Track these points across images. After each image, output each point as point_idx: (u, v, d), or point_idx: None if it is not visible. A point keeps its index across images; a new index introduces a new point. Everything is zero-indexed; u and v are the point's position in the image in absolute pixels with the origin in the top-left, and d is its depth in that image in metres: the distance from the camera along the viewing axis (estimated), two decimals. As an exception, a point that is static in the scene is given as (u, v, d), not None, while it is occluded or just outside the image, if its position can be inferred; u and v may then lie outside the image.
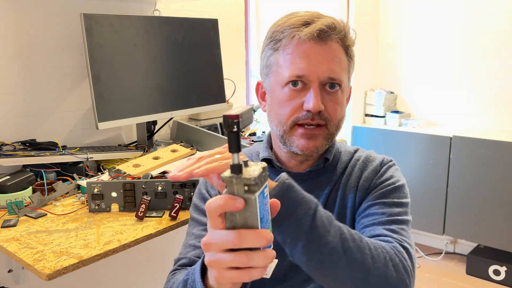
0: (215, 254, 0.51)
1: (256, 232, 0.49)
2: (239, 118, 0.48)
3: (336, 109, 0.83)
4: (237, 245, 0.49)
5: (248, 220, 0.50)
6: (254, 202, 0.49)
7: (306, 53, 0.80)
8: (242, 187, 0.49)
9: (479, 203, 2.67)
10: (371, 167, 0.89)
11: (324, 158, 0.89)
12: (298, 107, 0.82)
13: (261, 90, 0.92)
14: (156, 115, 1.69)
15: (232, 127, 0.48)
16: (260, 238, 0.49)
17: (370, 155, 0.93)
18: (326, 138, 0.84)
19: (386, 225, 0.79)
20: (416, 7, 3.08)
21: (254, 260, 0.50)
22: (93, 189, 1.19)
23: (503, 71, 2.81)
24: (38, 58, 1.54)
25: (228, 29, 2.20)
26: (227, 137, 0.49)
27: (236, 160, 0.49)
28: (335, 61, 0.82)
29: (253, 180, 0.48)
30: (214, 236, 0.51)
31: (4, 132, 1.48)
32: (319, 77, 0.80)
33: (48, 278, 0.88)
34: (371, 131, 3.09)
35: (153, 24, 1.68)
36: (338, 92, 0.83)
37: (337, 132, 0.87)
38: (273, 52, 0.85)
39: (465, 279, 2.74)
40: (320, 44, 0.81)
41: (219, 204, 0.49)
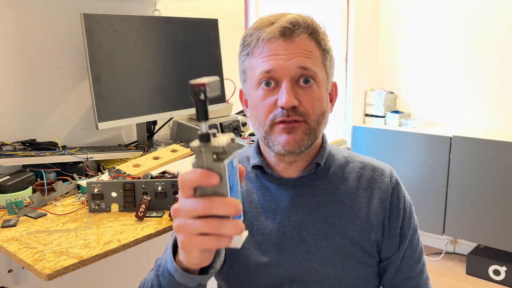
0: (184, 220, 0.51)
1: (226, 200, 0.50)
2: (205, 86, 0.48)
3: (313, 103, 0.81)
4: (207, 211, 0.49)
5: (218, 189, 0.50)
6: (224, 170, 0.49)
7: (273, 51, 0.80)
8: (211, 155, 0.49)
9: (479, 203, 2.67)
10: (382, 185, 0.90)
11: (316, 163, 0.87)
12: (272, 106, 0.80)
13: (244, 97, 0.91)
14: (156, 115, 1.69)
15: (199, 95, 0.48)
16: (230, 206, 0.49)
17: (376, 167, 0.92)
18: (306, 133, 0.81)
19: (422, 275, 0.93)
20: (416, 7, 3.08)
21: (224, 228, 0.50)
22: (93, 189, 1.19)
23: (503, 71, 2.81)
24: (38, 58, 1.54)
25: (228, 29, 2.20)
26: (195, 106, 0.49)
27: (204, 128, 0.49)
28: (305, 53, 0.80)
29: (221, 148, 0.49)
30: (184, 203, 0.51)
31: (4, 132, 1.48)
32: (289, 72, 0.79)
33: (48, 278, 0.88)
34: (371, 131, 3.09)
35: (153, 24, 1.68)
36: (313, 86, 0.81)
37: (320, 127, 0.83)
38: (246, 57, 0.85)
39: (465, 279, 2.74)
40: (286, 41, 0.80)
41: (193, 179, 0.49)
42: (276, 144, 0.81)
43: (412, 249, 0.91)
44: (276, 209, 0.87)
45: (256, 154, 0.91)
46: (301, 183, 0.88)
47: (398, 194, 0.90)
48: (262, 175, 0.90)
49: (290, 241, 0.85)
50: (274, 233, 0.86)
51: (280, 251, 0.85)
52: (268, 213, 0.88)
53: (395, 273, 0.90)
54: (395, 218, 0.89)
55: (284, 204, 0.87)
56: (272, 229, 0.86)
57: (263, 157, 0.91)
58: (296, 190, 0.88)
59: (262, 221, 0.87)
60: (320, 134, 0.85)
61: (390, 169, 0.93)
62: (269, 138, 0.82)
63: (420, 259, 0.93)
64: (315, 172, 0.88)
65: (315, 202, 0.87)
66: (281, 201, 0.87)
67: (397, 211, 0.89)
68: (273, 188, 0.89)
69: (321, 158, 0.88)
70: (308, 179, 0.88)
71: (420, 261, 0.93)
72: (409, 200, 0.93)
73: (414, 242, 0.92)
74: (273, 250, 0.85)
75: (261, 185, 0.90)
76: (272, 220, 0.87)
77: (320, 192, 0.87)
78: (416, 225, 0.93)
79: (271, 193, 0.88)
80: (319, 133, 0.84)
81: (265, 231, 0.87)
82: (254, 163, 0.90)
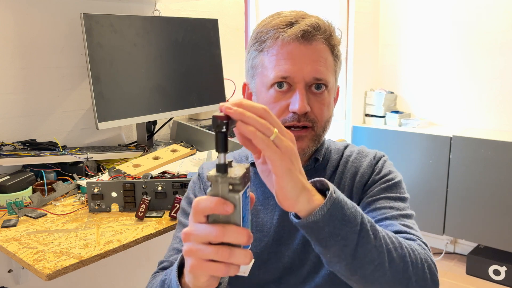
0: (196, 245, 0.51)
1: (239, 229, 0.50)
2: (228, 119, 0.50)
3: (323, 110, 0.82)
4: (220, 238, 0.50)
5: (230, 218, 0.51)
6: (238, 201, 0.50)
7: (290, 54, 0.79)
8: (227, 186, 0.50)
9: (479, 203, 2.67)
10: (365, 163, 0.89)
11: (314, 158, 0.88)
12: (284, 109, 0.81)
13: (248, 91, 0.91)
14: (156, 115, 1.69)
15: (221, 128, 0.50)
16: (243, 235, 0.50)
17: (362, 151, 0.92)
18: (312, 139, 0.83)
19: (399, 220, 0.79)
20: (416, 7, 3.08)
21: (235, 257, 0.50)
22: (93, 189, 1.19)
23: (503, 71, 2.81)
24: (38, 58, 1.54)
25: (228, 29, 2.20)
26: (215, 137, 0.51)
27: (223, 159, 0.51)
28: (321, 61, 0.80)
29: (238, 179, 0.50)
30: (196, 228, 0.51)
31: (4, 132, 1.48)
32: (305, 78, 0.79)
33: (48, 278, 0.88)
34: (371, 131, 3.09)
35: (153, 24, 1.68)
36: (325, 93, 0.82)
37: (324, 133, 0.85)
38: (258, 53, 0.84)
39: (465, 279, 2.74)
40: (305, 44, 0.80)
41: (208, 206, 0.50)
42: None
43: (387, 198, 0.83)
44: (274, 205, 0.88)
45: None
46: None
47: (383, 166, 0.88)
48: None
49: (288, 235, 0.86)
50: (273, 228, 0.87)
51: (279, 246, 0.86)
52: (267, 210, 0.88)
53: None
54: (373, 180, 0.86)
55: None
56: (271, 225, 0.87)
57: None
58: None
59: (262, 218, 0.88)
60: (323, 139, 0.87)
61: (377, 152, 0.92)
62: None
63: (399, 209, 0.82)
64: (314, 167, 0.89)
65: None
66: None
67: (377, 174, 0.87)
68: None
69: (320, 153, 0.89)
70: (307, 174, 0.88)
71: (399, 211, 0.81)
72: (396, 174, 0.87)
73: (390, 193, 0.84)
74: (272, 245, 0.86)
75: (260, 182, 0.90)
76: (271, 216, 0.87)
77: None
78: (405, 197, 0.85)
79: (270, 190, 0.89)
80: (323, 138, 0.86)
81: (265, 227, 0.87)
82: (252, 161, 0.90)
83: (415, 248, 0.69)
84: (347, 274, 0.63)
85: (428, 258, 0.69)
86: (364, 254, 0.61)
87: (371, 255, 0.61)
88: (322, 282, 0.84)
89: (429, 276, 0.67)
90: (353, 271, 0.62)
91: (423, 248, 0.71)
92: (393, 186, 0.85)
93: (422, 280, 0.66)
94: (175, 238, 0.90)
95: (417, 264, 0.66)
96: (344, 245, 0.60)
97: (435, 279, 0.68)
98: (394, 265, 0.63)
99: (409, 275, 0.65)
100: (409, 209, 0.84)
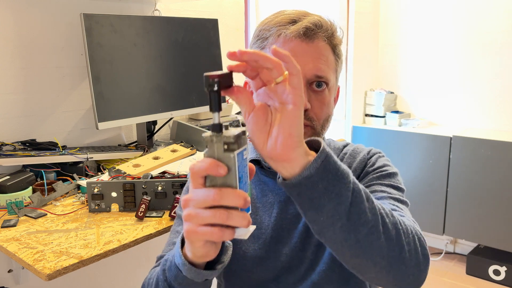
0: (194, 209, 0.52)
1: (236, 191, 0.50)
2: (219, 78, 0.50)
3: (322, 109, 0.82)
4: (217, 201, 0.50)
5: (227, 179, 0.51)
6: (233, 160, 0.50)
7: (292, 51, 0.79)
8: (221, 145, 0.51)
9: (479, 203, 2.67)
10: (358, 158, 0.89)
11: None
12: None
13: (249, 89, 0.91)
14: (156, 115, 1.69)
15: (213, 86, 0.50)
16: (239, 197, 0.50)
17: (357, 148, 0.92)
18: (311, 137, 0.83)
19: (390, 201, 0.77)
20: (416, 7, 3.08)
21: (233, 219, 0.50)
22: (93, 189, 1.19)
23: (503, 71, 2.81)
24: (38, 58, 1.54)
25: (228, 29, 2.20)
26: (208, 97, 0.51)
27: (217, 119, 0.51)
28: (322, 59, 0.81)
29: (233, 138, 0.50)
30: (195, 193, 0.52)
31: (4, 132, 1.48)
32: (306, 75, 0.79)
33: (48, 278, 0.89)
34: (371, 131, 3.10)
35: (153, 24, 1.68)
36: (325, 91, 0.82)
37: (323, 131, 0.85)
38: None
39: (465, 279, 2.74)
40: (307, 42, 0.80)
41: (202, 168, 0.50)
42: None
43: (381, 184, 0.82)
44: (273, 202, 0.88)
45: (253, 149, 0.92)
46: None
47: (377, 159, 0.87)
48: (260, 170, 0.91)
49: (287, 233, 0.86)
50: (272, 226, 0.87)
51: (277, 244, 0.86)
52: (265, 207, 0.89)
53: None
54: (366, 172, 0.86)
55: (281, 197, 0.88)
56: (269, 223, 0.87)
57: None
58: None
59: (260, 216, 0.88)
60: (322, 137, 0.87)
61: (372, 148, 0.91)
62: None
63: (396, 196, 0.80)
64: None
65: None
66: (278, 195, 0.88)
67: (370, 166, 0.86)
68: (270, 183, 0.90)
69: None
70: None
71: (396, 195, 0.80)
72: (391, 167, 0.87)
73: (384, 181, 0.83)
74: (270, 243, 0.86)
75: (259, 180, 0.91)
76: (269, 214, 0.88)
77: None
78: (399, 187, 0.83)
79: (269, 187, 0.89)
80: (322, 136, 0.86)
81: (263, 225, 0.88)
82: (251, 158, 0.91)
83: (404, 220, 0.66)
84: (340, 239, 0.59)
85: (418, 231, 0.67)
86: (358, 215, 0.58)
87: (365, 217, 0.58)
88: (318, 279, 0.84)
89: (420, 249, 0.64)
90: (347, 233, 0.58)
91: (412, 222, 0.70)
92: (386, 176, 0.84)
93: (414, 250, 0.63)
94: (174, 232, 0.91)
95: (408, 234, 0.64)
96: (338, 203, 0.56)
97: (425, 253, 0.65)
98: (387, 230, 0.61)
99: (402, 243, 0.62)
100: (404, 198, 0.82)
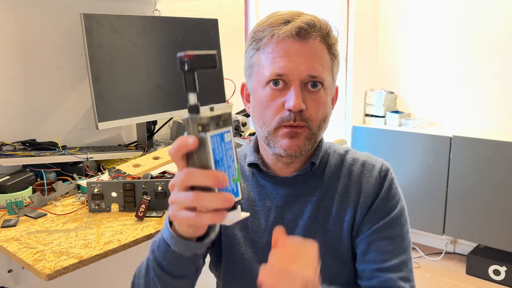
0: (176, 193, 0.53)
1: (204, 171, 0.50)
2: (190, 57, 0.49)
3: (318, 109, 0.81)
4: (186, 181, 0.51)
5: (203, 160, 0.51)
6: (206, 141, 0.50)
7: (286, 52, 0.79)
8: (196, 127, 0.50)
9: (479, 203, 2.67)
10: (371, 180, 0.87)
11: (311, 162, 0.87)
12: (280, 107, 0.80)
13: (246, 91, 0.90)
14: (156, 115, 1.69)
15: (184, 66, 0.49)
16: (207, 176, 0.50)
17: (367, 162, 0.89)
18: (308, 138, 0.82)
19: (398, 272, 0.82)
20: (416, 7, 3.08)
21: (203, 200, 0.50)
22: (93, 189, 1.19)
23: (503, 71, 2.81)
24: (38, 58, 1.54)
25: (228, 29, 2.20)
26: (183, 78, 0.50)
27: (193, 100, 0.50)
28: (316, 59, 0.80)
29: (206, 119, 0.50)
30: (175, 176, 0.53)
31: (4, 132, 1.48)
32: (300, 76, 0.79)
33: (48, 278, 0.88)
34: (371, 131, 3.09)
35: (153, 24, 1.68)
36: (321, 91, 0.81)
37: (320, 132, 0.84)
38: (255, 52, 0.84)
39: (465, 279, 2.74)
40: (300, 42, 0.79)
41: (175, 147, 0.51)
42: (277, 146, 0.82)
43: (389, 238, 0.84)
44: (270, 207, 0.88)
45: (252, 152, 0.91)
46: (296, 182, 0.88)
47: (389, 188, 0.87)
48: (258, 173, 0.90)
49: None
50: (268, 231, 0.87)
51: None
52: (262, 211, 0.88)
53: (363, 256, 0.85)
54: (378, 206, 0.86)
55: (278, 202, 0.88)
56: (266, 227, 0.87)
57: (260, 155, 0.91)
58: (290, 188, 0.88)
59: (258, 219, 0.88)
60: (320, 138, 0.86)
61: (382, 164, 0.89)
62: (271, 138, 0.82)
63: (399, 253, 0.84)
64: (310, 171, 0.88)
65: (308, 201, 0.87)
66: (275, 199, 0.88)
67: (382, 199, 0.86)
68: (268, 187, 0.89)
69: (316, 157, 0.88)
70: (303, 178, 0.88)
71: (399, 256, 0.84)
72: (399, 198, 0.88)
73: (392, 231, 0.85)
74: (266, 248, 0.86)
75: (257, 183, 0.90)
76: (266, 219, 0.88)
77: (313, 191, 0.87)
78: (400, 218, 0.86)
79: (266, 191, 0.89)
80: (319, 137, 0.85)
81: (260, 229, 0.87)
82: (250, 161, 0.90)
83: None
84: None
85: None
86: None
87: None
88: None
89: None
90: None
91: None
92: (397, 219, 0.85)
93: None
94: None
95: None
96: None
97: None
98: None
99: None
100: (409, 244, 0.86)
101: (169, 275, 0.66)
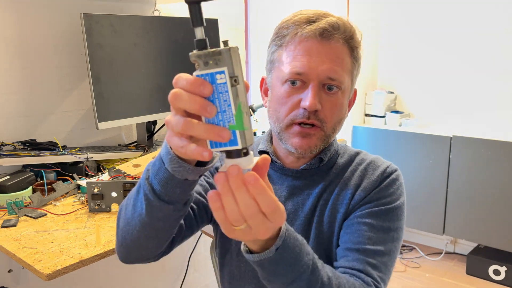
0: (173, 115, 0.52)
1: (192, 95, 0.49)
2: None
3: (334, 111, 0.82)
4: (173, 102, 0.51)
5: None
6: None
7: (307, 51, 0.80)
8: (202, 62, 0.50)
9: (479, 203, 2.67)
10: (373, 177, 0.86)
11: (319, 158, 0.88)
12: (295, 105, 0.81)
13: (265, 85, 0.92)
14: (156, 115, 1.69)
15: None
16: (194, 101, 0.49)
17: (374, 161, 0.89)
18: (321, 139, 0.83)
19: (369, 257, 0.79)
20: (416, 8, 3.08)
21: (193, 128, 0.49)
22: (93, 189, 1.19)
23: (503, 71, 2.81)
24: (38, 58, 1.54)
25: (228, 29, 2.20)
26: (189, 11, 0.48)
27: (200, 34, 0.49)
28: (337, 61, 0.80)
29: (192, 56, 0.49)
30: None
31: (4, 132, 1.48)
32: (319, 76, 0.79)
33: (48, 278, 0.89)
34: (371, 131, 3.09)
35: (153, 24, 1.68)
36: (338, 94, 0.82)
37: (334, 134, 0.85)
38: (277, 48, 0.85)
39: (465, 279, 2.74)
40: (323, 43, 0.80)
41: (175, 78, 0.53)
42: (289, 143, 0.83)
43: (371, 226, 0.82)
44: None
45: (265, 141, 0.92)
46: (302, 175, 0.89)
47: (388, 185, 0.85)
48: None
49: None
50: None
51: None
52: None
53: (340, 239, 0.84)
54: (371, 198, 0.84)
55: (281, 193, 0.89)
56: None
57: (273, 146, 0.92)
58: (295, 181, 0.89)
59: None
60: (332, 139, 0.87)
61: (388, 166, 0.88)
62: (283, 134, 0.84)
63: (378, 243, 0.81)
64: (318, 167, 0.89)
65: (310, 194, 0.88)
66: (279, 190, 0.89)
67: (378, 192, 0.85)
68: (274, 176, 0.90)
69: (325, 154, 0.88)
70: (310, 172, 0.89)
71: (376, 245, 0.80)
72: (397, 197, 0.85)
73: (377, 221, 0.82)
74: None
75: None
76: None
77: (317, 185, 0.88)
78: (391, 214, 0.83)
79: (272, 181, 0.90)
80: (332, 138, 0.86)
81: None
82: (261, 149, 0.91)
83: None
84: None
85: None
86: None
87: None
88: None
89: None
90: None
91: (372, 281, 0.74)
92: (386, 212, 0.83)
93: None
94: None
95: None
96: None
97: None
98: None
99: None
100: (392, 241, 0.82)
101: (156, 196, 0.63)
